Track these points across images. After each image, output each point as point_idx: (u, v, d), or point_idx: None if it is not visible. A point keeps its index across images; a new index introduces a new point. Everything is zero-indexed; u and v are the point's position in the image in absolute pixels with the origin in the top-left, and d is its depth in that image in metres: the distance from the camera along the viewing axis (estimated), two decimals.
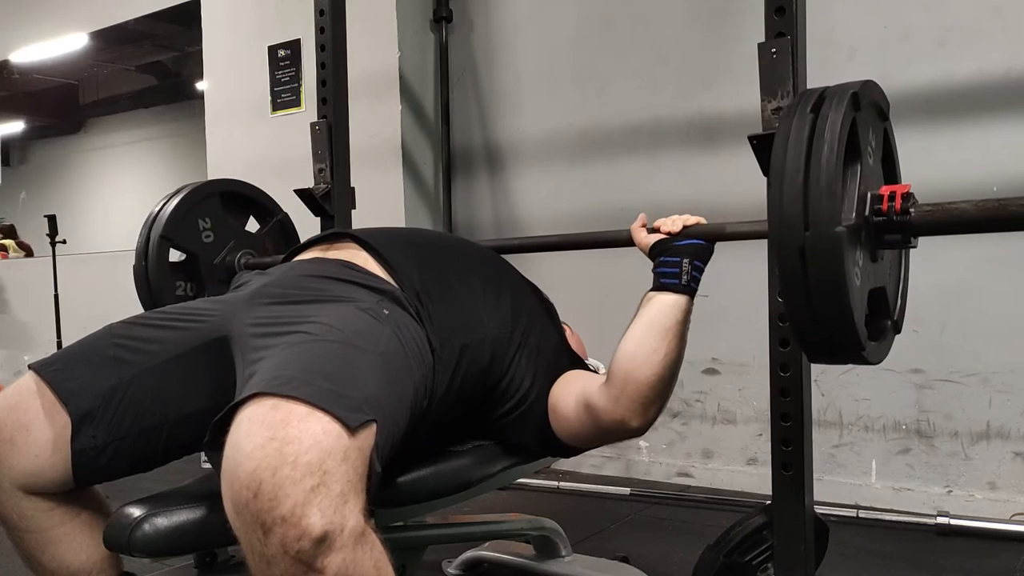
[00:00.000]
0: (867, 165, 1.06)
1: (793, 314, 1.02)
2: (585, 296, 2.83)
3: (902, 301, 1.24)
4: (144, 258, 1.85)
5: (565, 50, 3.01)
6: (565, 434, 1.33)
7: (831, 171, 0.96)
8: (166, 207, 1.86)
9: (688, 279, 1.29)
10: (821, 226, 0.95)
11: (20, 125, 9.58)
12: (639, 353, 1.23)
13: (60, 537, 1.16)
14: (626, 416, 1.24)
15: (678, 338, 1.26)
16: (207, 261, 1.92)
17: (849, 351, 1.03)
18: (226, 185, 2.00)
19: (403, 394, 1.07)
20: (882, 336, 1.15)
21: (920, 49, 2.33)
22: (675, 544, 2.21)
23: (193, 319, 1.25)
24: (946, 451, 2.37)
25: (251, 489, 0.81)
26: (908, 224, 1.04)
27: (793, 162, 0.98)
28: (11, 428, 1.12)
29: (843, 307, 0.97)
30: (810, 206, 0.96)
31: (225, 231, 1.95)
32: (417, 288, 1.25)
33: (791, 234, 0.97)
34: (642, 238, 1.38)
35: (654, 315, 1.26)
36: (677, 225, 1.34)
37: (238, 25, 3.58)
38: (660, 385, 1.24)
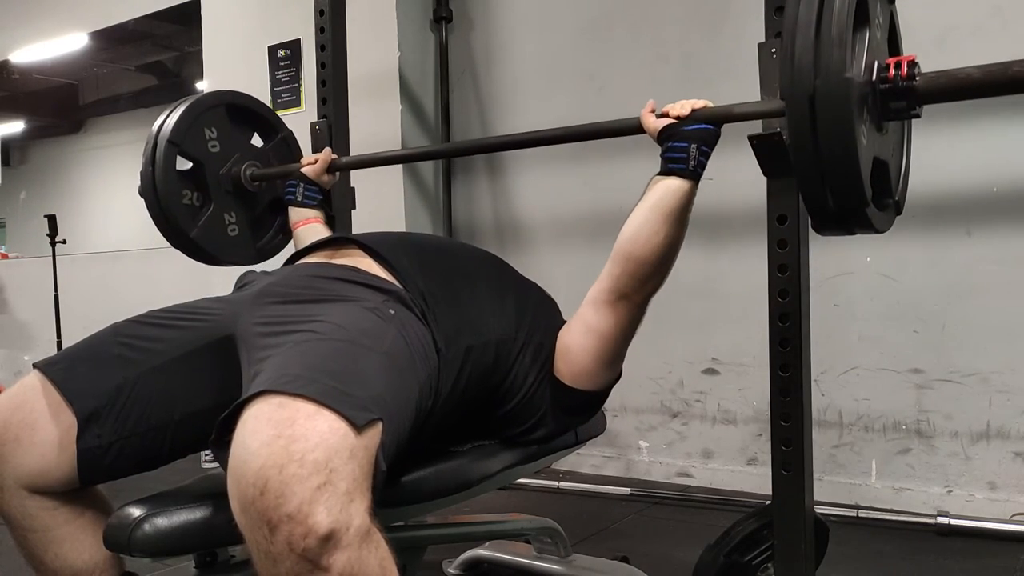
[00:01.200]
0: (875, 37, 1.07)
1: (801, 169, 1.02)
2: (586, 294, 2.83)
3: (903, 184, 1.25)
4: (152, 164, 1.83)
5: (565, 50, 3.01)
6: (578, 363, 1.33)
7: (842, 23, 0.97)
8: (173, 114, 1.85)
9: (695, 164, 1.31)
10: (831, 75, 0.97)
11: (20, 125, 9.58)
12: (641, 233, 1.29)
13: (63, 536, 1.16)
14: (626, 290, 1.30)
15: (679, 222, 1.30)
16: (213, 171, 1.90)
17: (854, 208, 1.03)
18: (232, 97, 1.98)
19: (408, 394, 1.08)
20: (885, 208, 1.16)
21: (920, 48, 2.33)
22: (675, 544, 2.21)
23: (198, 318, 1.25)
24: (946, 451, 2.37)
25: (257, 487, 0.82)
26: (913, 90, 1.05)
27: (805, 16, 0.99)
28: (16, 427, 1.12)
29: (850, 156, 0.98)
30: (820, 55, 0.97)
31: (231, 143, 1.93)
32: (422, 290, 1.26)
33: (802, 84, 0.98)
34: (651, 123, 1.39)
35: (659, 198, 1.30)
36: (686, 109, 1.35)
37: (238, 25, 3.58)
38: (659, 263, 1.29)
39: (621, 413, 2.90)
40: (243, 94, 2.02)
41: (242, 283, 1.40)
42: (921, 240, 2.36)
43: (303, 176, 1.88)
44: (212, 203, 1.91)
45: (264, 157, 2.02)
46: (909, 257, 2.39)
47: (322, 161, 1.88)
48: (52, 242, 4.25)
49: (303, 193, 1.87)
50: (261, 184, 1.99)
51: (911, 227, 2.33)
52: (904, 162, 1.27)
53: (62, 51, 5.06)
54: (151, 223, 1.95)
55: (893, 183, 1.18)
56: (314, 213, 1.88)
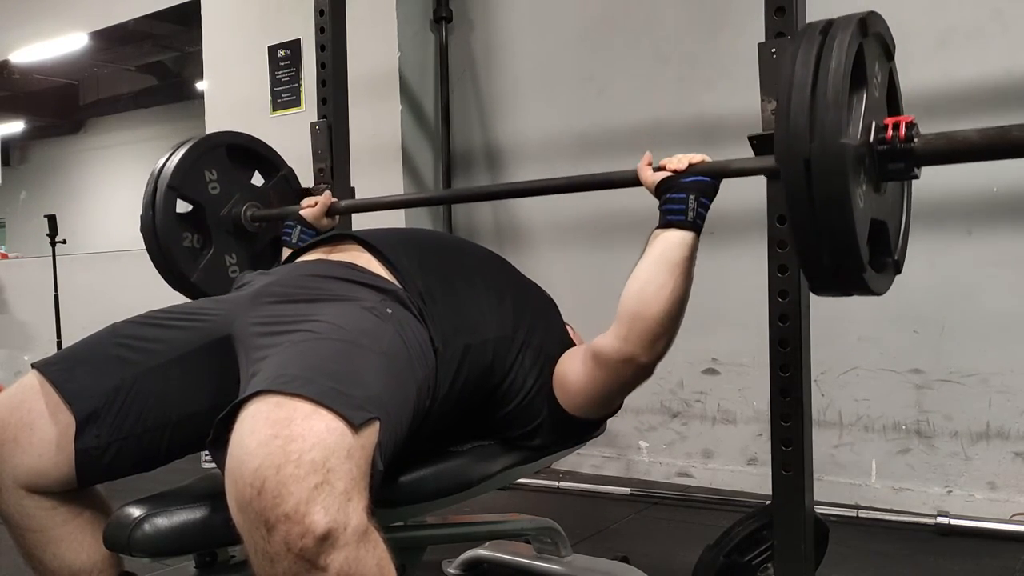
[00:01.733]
0: (872, 96, 1.06)
1: (797, 232, 1.01)
2: (586, 295, 2.82)
3: (903, 242, 1.24)
4: (152, 208, 1.83)
5: (565, 50, 3.01)
6: (575, 400, 1.33)
7: (838, 85, 0.97)
8: (172, 157, 1.84)
9: (694, 215, 1.29)
10: (827, 137, 0.96)
11: (20, 125, 9.58)
12: (647, 290, 1.25)
13: (62, 536, 1.16)
14: (635, 352, 1.26)
15: (685, 275, 1.27)
16: (214, 212, 1.90)
17: (851, 273, 1.03)
18: (231, 137, 1.98)
19: (406, 393, 1.08)
20: (883, 269, 1.15)
21: (920, 49, 2.34)
22: (675, 544, 2.21)
23: (196, 318, 1.25)
24: (946, 451, 2.37)
25: (255, 486, 0.82)
26: (912, 152, 1.05)
27: (801, 77, 0.99)
28: (15, 427, 1.12)
29: (846, 220, 0.97)
30: (816, 118, 0.97)
31: (231, 183, 1.93)
32: (420, 288, 1.25)
33: (797, 146, 0.98)
34: (648, 176, 1.37)
35: (660, 252, 1.28)
36: (683, 163, 1.34)
37: (238, 25, 3.58)
38: (668, 320, 1.26)
39: (621, 413, 2.88)
40: (242, 134, 2.03)
41: (240, 283, 1.40)
42: (921, 240, 2.34)
43: (301, 218, 1.86)
44: (213, 245, 1.91)
45: (265, 196, 2.01)
46: (909, 257, 2.37)
47: (321, 204, 1.86)
48: (52, 242, 4.25)
49: (299, 235, 1.84)
50: (262, 224, 1.98)
51: (911, 227, 2.32)
52: (904, 220, 1.25)
53: (62, 51, 5.06)
54: None
55: (892, 242, 1.17)
56: None
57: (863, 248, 1.01)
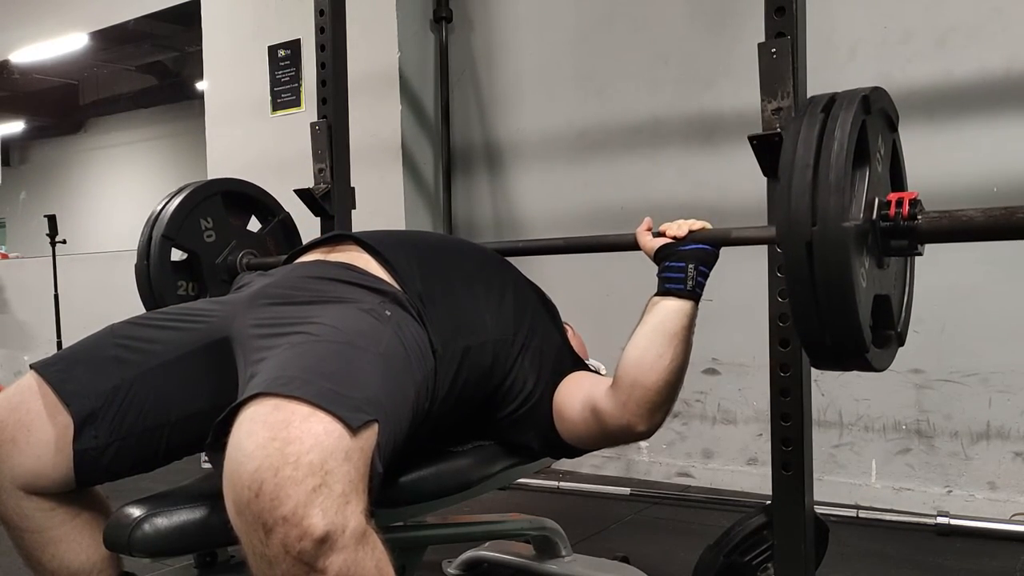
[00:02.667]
0: (875, 172, 1.06)
1: (798, 313, 1.01)
2: (586, 296, 2.83)
3: (906, 313, 1.23)
4: (146, 257, 1.84)
5: (565, 50, 3.01)
6: (570, 436, 1.33)
7: (840, 168, 0.96)
8: (168, 206, 1.85)
9: (693, 284, 1.29)
10: (829, 221, 0.95)
11: (20, 125, 9.58)
12: (645, 359, 1.24)
13: (61, 537, 1.16)
14: (633, 421, 1.25)
15: (683, 343, 1.26)
16: (209, 261, 1.90)
17: (853, 354, 1.03)
18: (228, 185, 1.99)
19: (404, 395, 1.07)
20: (886, 344, 1.15)
21: (920, 49, 2.33)
22: (675, 544, 2.21)
23: (195, 319, 1.25)
24: (946, 451, 2.37)
25: (253, 489, 0.81)
26: (915, 230, 1.04)
27: (803, 159, 0.98)
28: (13, 428, 1.12)
29: (848, 304, 0.97)
30: (818, 201, 0.96)
31: (227, 231, 1.94)
32: (419, 290, 1.25)
33: (799, 229, 0.97)
34: (647, 242, 1.38)
35: (659, 321, 1.26)
36: (683, 230, 1.33)
37: (238, 25, 3.58)
38: (667, 390, 1.25)
39: None
40: (239, 181, 2.03)
41: (239, 285, 1.39)
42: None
43: None
44: (208, 293, 1.90)
45: (261, 242, 2.01)
46: None
47: None
48: (52, 242, 4.25)
49: None
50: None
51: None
52: (907, 292, 1.24)
53: (62, 51, 5.06)
54: None
55: (895, 315, 1.17)
56: None
57: (866, 331, 1.00)
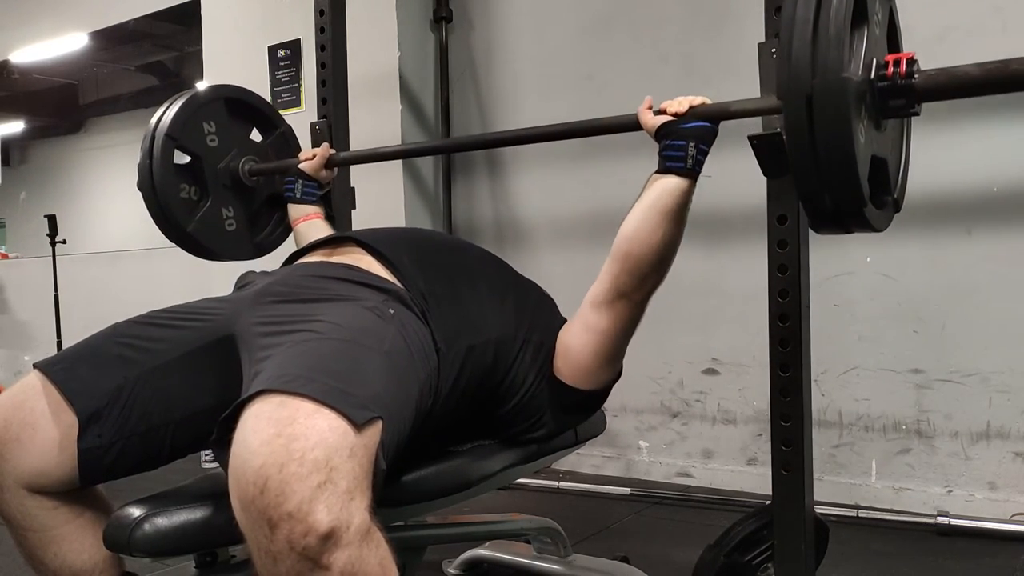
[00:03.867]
0: (873, 34, 1.07)
1: (798, 169, 1.02)
2: (585, 293, 2.83)
3: (903, 180, 1.25)
4: (149, 157, 1.82)
5: (565, 50, 3.01)
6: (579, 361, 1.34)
7: (839, 22, 0.97)
8: (171, 107, 1.84)
9: (693, 162, 1.31)
10: (829, 73, 0.96)
11: (20, 125, 9.58)
12: (640, 232, 1.30)
13: (63, 536, 1.16)
14: (626, 288, 1.30)
15: (678, 220, 1.30)
16: (211, 165, 1.89)
17: (852, 211, 1.04)
18: (230, 91, 1.98)
19: (408, 393, 1.08)
20: (883, 206, 1.16)
21: (920, 48, 2.33)
22: (675, 544, 2.21)
23: (198, 318, 1.25)
24: (946, 451, 2.37)
25: (258, 485, 0.82)
26: (912, 88, 1.05)
27: (803, 14, 0.99)
28: (17, 427, 1.12)
29: (847, 158, 0.98)
30: (818, 55, 0.97)
31: (229, 137, 1.93)
32: (422, 289, 1.26)
33: (799, 83, 0.98)
34: (648, 119, 1.38)
35: (656, 197, 1.30)
36: (683, 106, 1.34)
37: (238, 25, 3.58)
38: (657, 261, 1.30)
39: (621, 413, 2.90)
40: (241, 88, 2.02)
41: (242, 283, 1.40)
42: (921, 240, 2.36)
43: (301, 172, 1.88)
44: (210, 197, 1.90)
45: (263, 152, 2.01)
46: (909, 257, 2.39)
47: (320, 156, 1.88)
48: (52, 242, 4.25)
49: (302, 189, 1.87)
50: (259, 179, 1.98)
51: (911, 227, 2.33)
52: (903, 159, 1.27)
53: (62, 51, 5.07)
54: (151, 223, 1.94)
55: (892, 180, 1.18)
56: (314, 209, 1.88)
57: (864, 184, 1.02)
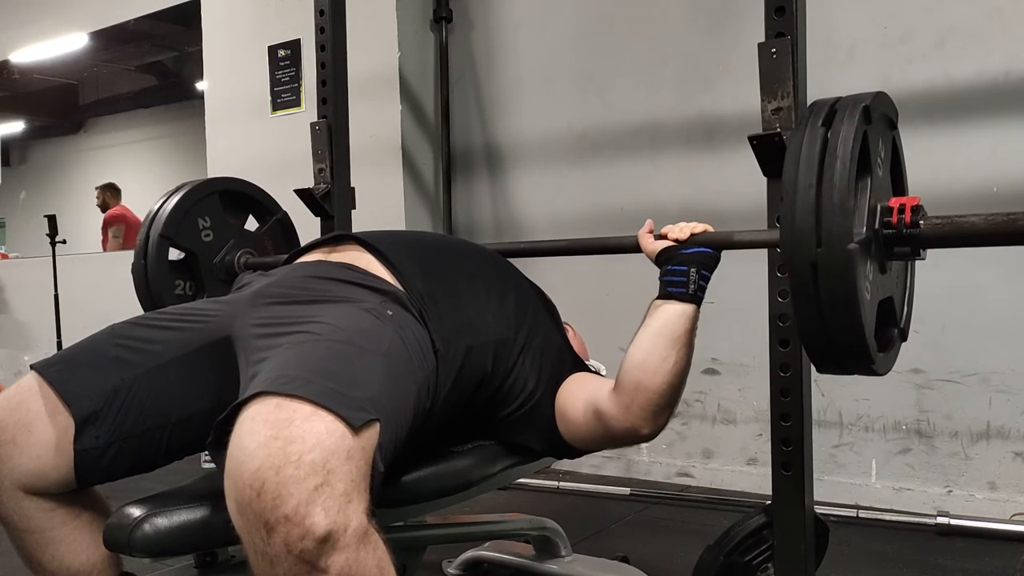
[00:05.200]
0: (877, 177, 1.06)
1: (804, 328, 1.02)
2: (586, 296, 2.83)
3: (908, 308, 1.25)
4: (143, 257, 1.84)
5: (565, 50, 3.01)
6: (572, 437, 1.33)
7: (844, 188, 0.96)
8: (165, 206, 1.85)
9: (695, 288, 1.29)
10: (833, 242, 0.96)
11: (20, 125, 9.59)
12: (649, 363, 1.24)
13: (61, 537, 1.16)
14: (637, 424, 1.25)
15: (686, 346, 1.27)
16: (207, 260, 1.90)
17: (859, 364, 1.05)
18: (225, 184, 1.99)
19: (406, 394, 1.07)
20: (890, 346, 1.16)
21: (920, 49, 2.33)
22: (675, 544, 2.21)
23: (195, 319, 1.25)
24: (946, 451, 2.37)
25: (254, 488, 0.81)
26: (917, 237, 1.05)
27: (805, 178, 0.98)
28: (13, 428, 1.11)
29: (854, 321, 0.98)
30: (823, 223, 0.97)
31: (225, 230, 1.94)
32: (421, 290, 1.25)
33: (804, 250, 0.98)
34: (648, 244, 1.38)
35: (662, 324, 1.27)
36: (684, 233, 1.33)
37: (238, 25, 3.58)
38: (670, 393, 1.25)
39: None
40: (237, 180, 2.03)
41: (240, 284, 1.39)
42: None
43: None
44: (205, 292, 1.90)
45: (259, 241, 2.01)
46: None
47: None
48: (52, 242, 4.25)
49: None
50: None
51: None
52: (908, 288, 1.25)
53: (62, 51, 5.07)
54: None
55: (898, 313, 1.18)
56: None
57: (871, 343, 1.02)
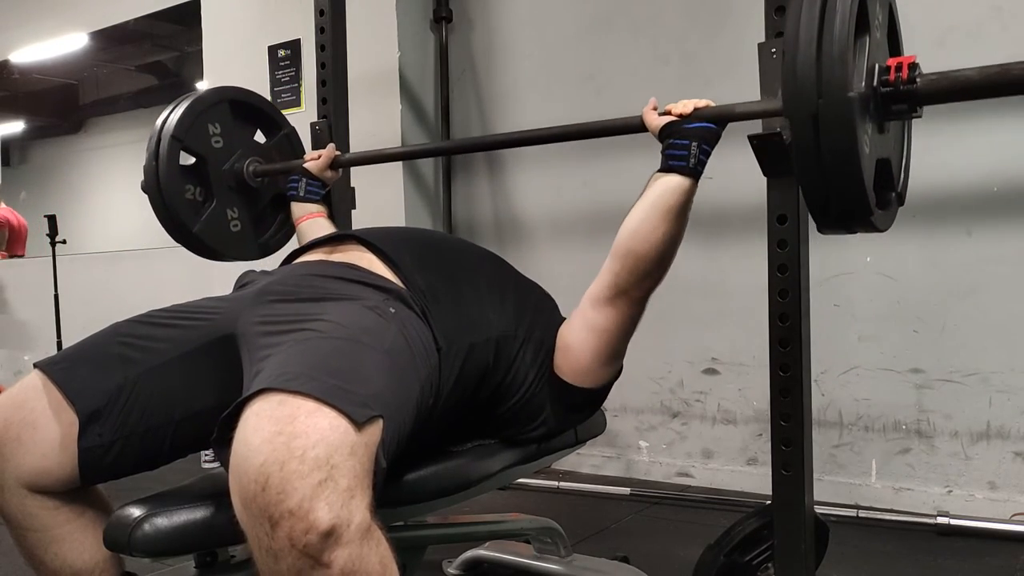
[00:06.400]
0: (874, 39, 1.08)
1: (805, 181, 1.04)
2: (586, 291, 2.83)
3: (905, 174, 1.28)
4: (155, 158, 1.84)
5: (565, 50, 3.01)
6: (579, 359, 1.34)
7: (843, 41, 0.98)
8: (176, 109, 1.86)
9: (695, 162, 1.32)
10: (833, 93, 0.98)
11: (20, 125, 9.58)
12: (641, 229, 1.31)
13: (63, 536, 1.16)
14: (626, 286, 1.31)
15: (680, 218, 1.31)
16: (216, 166, 1.91)
17: (859, 217, 1.06)
18: (235, 93, 1.99)
19: (409, 391, 1.08)
20: (887, 205, 1.18)
21: (920, 49, 2.33)
22: (675, 544, 2.21)
23: (199, 317, 1.25)
24: (946, 451, 2.37)
25: (259, 483, 0.82)
26: (914, 93, 1.07)
27: (806, 32, 1.00)
28: (17, 426, 1.12)
29: (854, 172, 1.00)
30: (823, 75, 0.98)
31: (234, 138, 1.95)
32: (423, 288, 1.26)
33: (804, 102, 0.99)
34: (653, 120, 1.40)
35: (658, 195, 1.32)
36: (688, 108, 1.36)
37: (238, 25, 3.58)
38: (658, 258, 1.31)
39: (621, 413, 2.90)
40: (246, 90, 2.04)
41: (242, 282, 1.40)
42: (921, 240, 2.36)
43: (306, 171, 1.90)
44: (215, 198, 1.92)
45: (267, 153, 2.02)
46: (909, 257, 2.39)
47: (325, 156, 1.90)
48: (52, 242, 4.25)
49: (305, 188, 1.89)
50: (264, 180, 2.00)
51: (911, 227, 2.33)
52: (905, 153, 1.29)
53: (62, 51, 5.07)
54: (152, 223, 1.95)
55: (895, 177, 1.20)
56: (317, 208, 1.91)
57: (871, 195, 1.04)
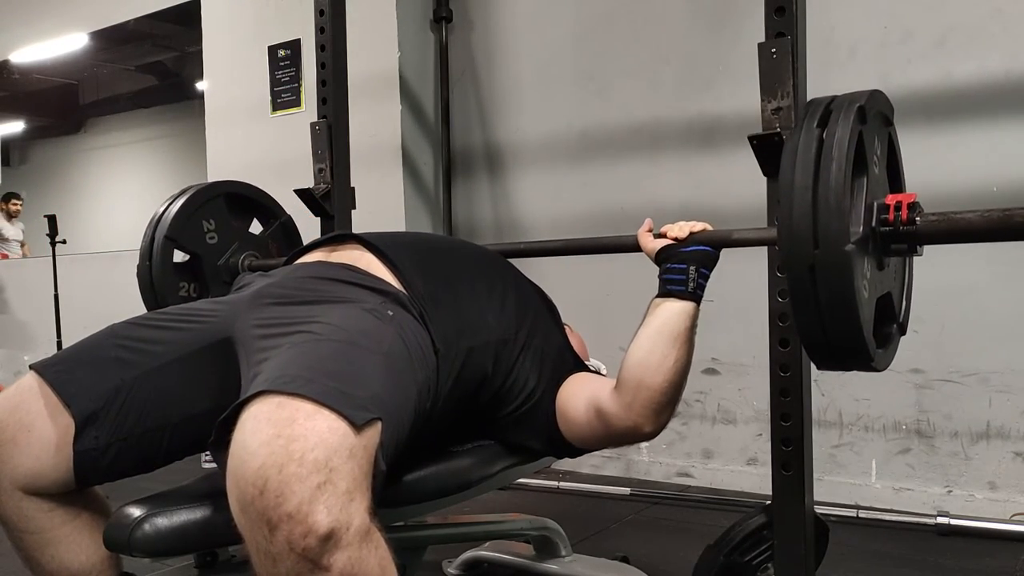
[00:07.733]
0: (873, 175, 1.06)
1: (803, 327, 1.03)
2: (585, 296, 2.83)
3: (906, 303, 1.25)
4: (148, 258, 1.84)
5: (565, 50, 3.01)
6: (574, 436, 1.34)
7: (839, 189, 0.97)
8: (171, 208, 1.86)
9: (694, 286, 1.30)
10: (831, 244, 0.96)
11: (20, 125, 9.59)
12: (650, 361, 1.25)
13: (60, 538, 1.16)
14: (639, 422, 1.26)
15: (687, 344, 1.27)
16: (211, 262, 1.91)
17: (858, 361, 1.05)
18: (230, 187, 2.00)
19: (407, 394, 1.08)
20: (888, 341, 1.16)
21: (920, 49, 2.33)
22: (675, 544, 2.21)
23: (196, 320, 1.25)
24: (946, 451, 2.37)
25: (257, 486, 0.81)
26: (914, 234, 1.05)
27: (801, 180, 0.99)
28: (13, 428, 1.11)
29: (853, 321, 0.98)
30: (819, 224, 0.97)
31: (229, 232, 1.95)
32: (422, 291, 1.25)
33: (801, 251, 0.98)
34: (648, 243, 1.38)
35: (662, 322, 1.27)
36: (684, 231, 1.34)
37: (238, 25, 3.58)
38: (672, 390, 1.26)
39: None
40: (242, 183, 2.04)
41: (240, 285, 1.39)
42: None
43: None
44: (209, 294, 1.91)
45: (263, 244, 2.02)
46: None
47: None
48: (52, 242, 4.25)
49: None
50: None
51: None
52: (906, 282, 1.26)
53: (62, 51, 5.07)
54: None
55: (896, 308, 1.19)
56: None
57: (869, 339, 1.02)
